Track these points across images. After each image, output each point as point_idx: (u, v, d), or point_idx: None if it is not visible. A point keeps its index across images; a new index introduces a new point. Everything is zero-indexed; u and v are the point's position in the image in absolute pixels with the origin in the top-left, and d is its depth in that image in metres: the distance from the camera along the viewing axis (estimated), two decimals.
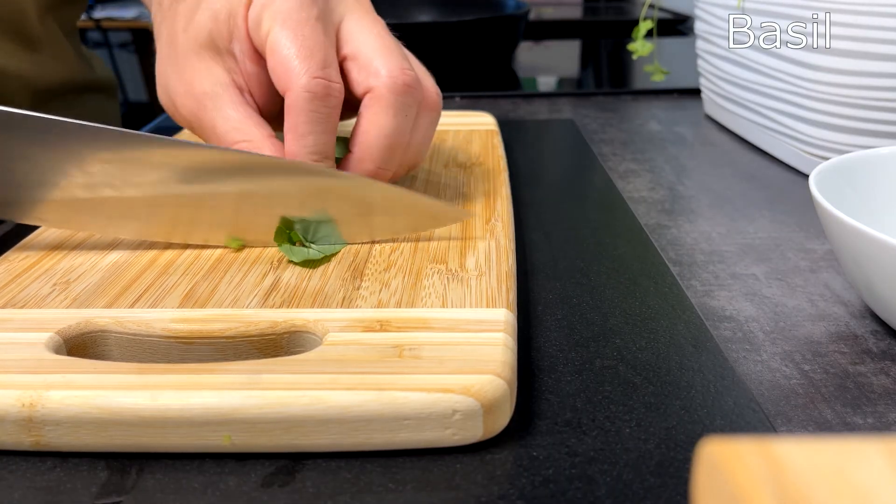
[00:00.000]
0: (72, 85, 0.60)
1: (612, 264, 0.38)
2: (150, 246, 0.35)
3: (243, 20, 0.37)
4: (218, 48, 0.37)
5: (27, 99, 0.56)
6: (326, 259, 0.34)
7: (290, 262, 0.33)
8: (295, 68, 0.34)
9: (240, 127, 0.36)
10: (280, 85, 0.35)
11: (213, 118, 0.37)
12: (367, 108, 0.36)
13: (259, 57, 0.37)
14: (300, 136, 0.35)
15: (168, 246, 0.35)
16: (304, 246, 0.34)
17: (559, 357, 0.30)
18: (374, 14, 0.39)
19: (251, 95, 0.38)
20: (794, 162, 0.54)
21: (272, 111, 0.39)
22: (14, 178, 0.33)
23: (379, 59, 0.36)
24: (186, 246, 0.35)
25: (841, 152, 0.47)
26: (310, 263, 0.33)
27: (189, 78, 0.38)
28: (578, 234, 0.42)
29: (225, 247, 0.35)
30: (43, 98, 0.58)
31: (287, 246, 0.34)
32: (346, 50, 0.37)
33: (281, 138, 0.36)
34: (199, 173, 0.34)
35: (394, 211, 0.35)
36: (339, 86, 0.35)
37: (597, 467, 0.24)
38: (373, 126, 0.36)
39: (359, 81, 0.37)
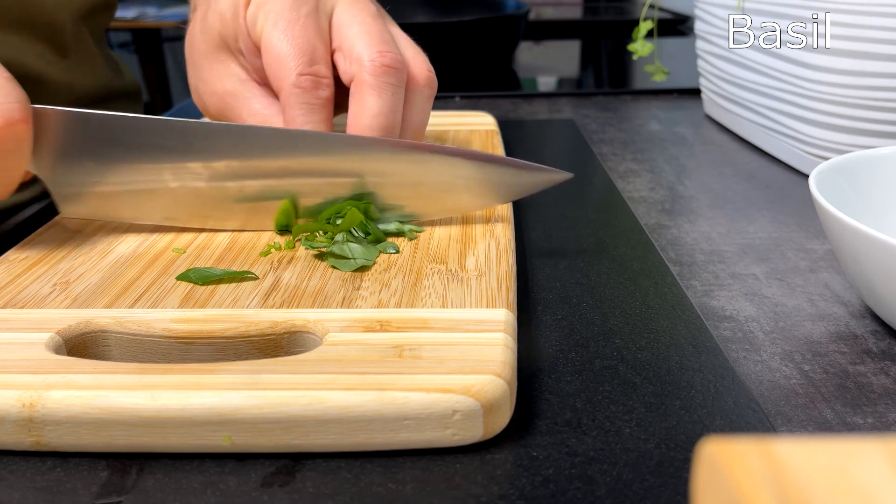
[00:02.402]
0: (102, 91, 0.60)
1: (612, 264, 0.38)
2: (151, 246, 0.35)
3: (243, 19, 0.38)
4: (229, 47, 0.39)
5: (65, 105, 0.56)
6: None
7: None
8: (284, 66, 0.36)
9: (265, 121, 0.39)
10: (273, 82, 0.37)
11: (239, 114, 0.39)
12: (353, 96, 0.37)
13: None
14: (300, 126, 0.37)
15: (169, 244, 0.35)
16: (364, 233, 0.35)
17: (559, 357, 0.30)
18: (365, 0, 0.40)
19: (269, 87, 0.40)
20: (794, 162, 0.54)
21: None
22: (79, 174, 0.35)
23: (360, 45, 0.37)
24: (199, 232, 0.36)
25: (841, 152, 0.47)
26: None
27: (210, 79, 0.40)
28: (578, 234, 0.42)
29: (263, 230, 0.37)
30: (77, 105, 0.57)
31: (332, 259, 0.33)
32: (336, 42, 0.38)
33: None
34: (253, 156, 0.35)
35: (478, 183, 0.36)
36: (327, 80, 0.37)
37: (597, 467, 0.24)
38: (361, 110, 0.37)
39: (345, 70, 0.38)
